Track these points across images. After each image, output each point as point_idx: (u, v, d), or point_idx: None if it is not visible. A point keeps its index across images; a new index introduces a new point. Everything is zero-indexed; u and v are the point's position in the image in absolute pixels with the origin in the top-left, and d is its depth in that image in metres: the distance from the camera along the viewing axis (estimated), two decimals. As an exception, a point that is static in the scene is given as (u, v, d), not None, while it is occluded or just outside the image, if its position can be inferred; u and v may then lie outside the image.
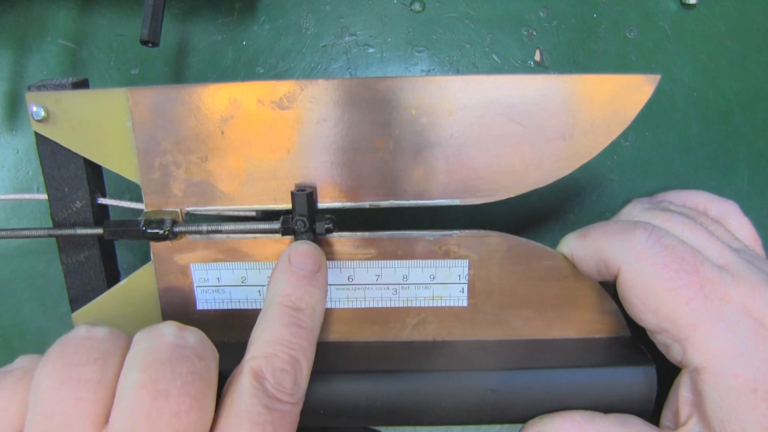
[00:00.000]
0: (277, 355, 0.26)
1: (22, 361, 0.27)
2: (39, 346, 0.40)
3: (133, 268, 0.32)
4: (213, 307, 0.32)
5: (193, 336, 0.26)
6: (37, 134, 0.30)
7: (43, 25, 0.37)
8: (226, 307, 0.32)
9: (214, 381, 0.25)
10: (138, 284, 0.32)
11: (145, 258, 0.39)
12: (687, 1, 0.36)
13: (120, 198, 0.32)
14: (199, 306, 0.32)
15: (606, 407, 0.29)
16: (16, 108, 0.38)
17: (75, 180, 0.31)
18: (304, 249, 0.29)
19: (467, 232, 0.31)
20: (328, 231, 0.30)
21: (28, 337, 0.40)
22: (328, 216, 0.30)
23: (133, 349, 0.26)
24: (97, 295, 0.32)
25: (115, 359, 0.25)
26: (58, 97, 0.29)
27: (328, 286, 0.32)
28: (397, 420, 0.30)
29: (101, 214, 0.32)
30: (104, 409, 0.24)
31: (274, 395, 0.26)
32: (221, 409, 0.25)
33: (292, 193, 0.29)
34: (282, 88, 0.29)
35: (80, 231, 0.31)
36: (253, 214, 0.31)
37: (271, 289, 0.29)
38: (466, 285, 0.32)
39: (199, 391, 0.24)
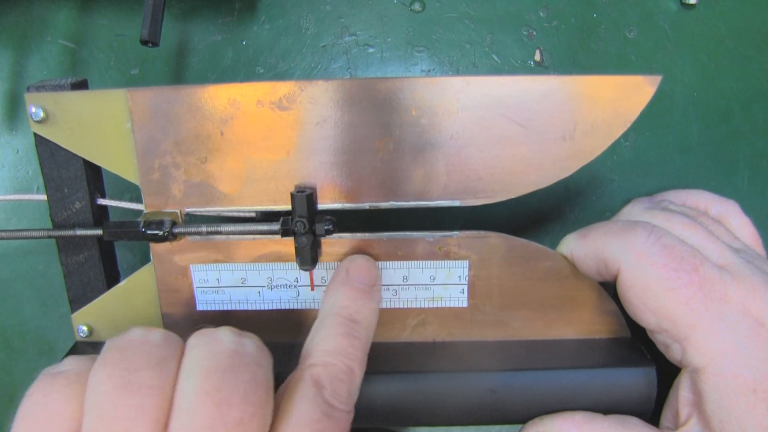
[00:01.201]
0: (335, 365, 0.27)
1: (71, 363, 0.26)
2: (39, 346, 0.40)
3: (133, 269, 0.32)
4: (213, 308, 0.32)
5: (251, 342, 0.26)
6: (36, 135, 0.30)
7: (43, 25, 0.37)
8: (226, 308, 0.32)
9: (272, 387, 0.25)
10: (138, 285, 0.32)
11: (144, 258, 0.39)
12: (687, 1, 0.36)
13: (119, 199, 0.32)
14: (199, 307, 0.32)
15: (606, 408, 0.29)
16: (16, 108, 0.38)
17: (74, 181, 0.31)
18: (363, 264, 0.30)
19: (467, 232, 0.31)
20: (328, 232, 0.30)
21: (28, 337, 0.40)
22: (328, 217, 0.30)
23: (190, 354, 0.25)
24: (97, 295, 0.32)
25: (172, 364, 0.25)
26: (57, 97, 0.29)
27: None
28: (397, 420, 0.30)
29: (101, 215, 0.32)
30: (163, 416, 0.24)
31: (331, 403, 0.26)
32: (279, 415, 0.25)
33: (292, 194, 0.29)
34: (282, 89, 0.29)
35: (80, 232, 0.31)
36: (253, 215, 0.31)
37: (329, 300, 0.29)
38: (466, 286, 0.32)
39: (260, 399, 0.24)
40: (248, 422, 0.24)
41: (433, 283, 0.32)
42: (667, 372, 0.29)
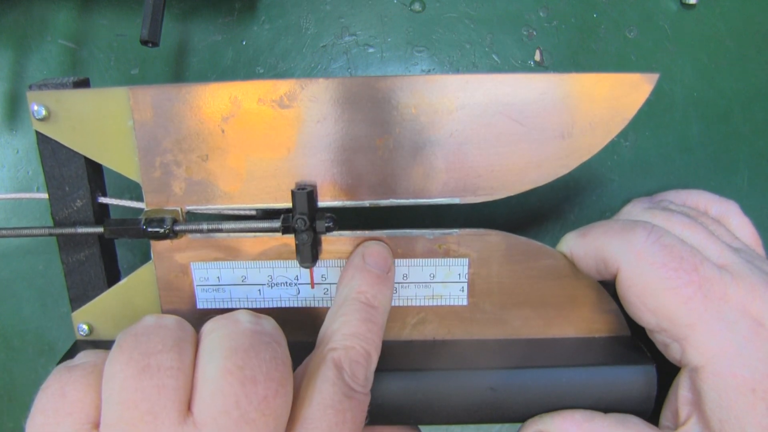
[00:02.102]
0: (354, 348, 0.27)
1: (86, 356, 0.27)
2: (39, 346, 0.40)
3: (134, 268, 0.32)
4: (213, 306, 0.32)
5: (269, 323, 0.27)
6: (38, 133, 0.30)
7: (43, 25, 0.37)
8: (226, 306, 0.32)
9: (291, 366, 0.26)
10: (138, 283, 0.32)
11: (145, 257, 0.39)
12: (687, 1, 0.36)
13: (120, 197, 0.32)
14: (200, 305, 0.32)
15: (605, 406, 0.29)
16: (16, 108, 0.38)
17: (76, 179, 0.31)
18: (378, 249, 0.31)
19: (467, 230, 0.31)
20: (329, 229, 0.30)
21: (28, 337, 0.40)
22: (329, 214, 0.30)
23: (209, 337, 0.26)
24: (98, 294, 0.32)
25: (189, 347, 0.26)
26: (60, 96, 0.30)
27: (329, 285, 0.32)
28: (396, 419, 0.30)
29: (102, 213, 0.32)
30: (186, 397, 0.24)
31: (351, 385, 0.27)
32: (300, 396, 0.26)
33: (293, 192, 0.29)
34: (282, 87, 0.29)
35: (81, 230, 0.31)
36: (254, 212, 0.31)
37: (346, 286, 0.30)
38: (466, 284, 0.32)
39: (282, 376, 0.25)
40: (272, 399, 0.24)
41: (432, 281, 0.32)
42: (667, 371, 0.29)
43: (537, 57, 0.37)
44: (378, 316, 0.29)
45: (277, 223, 0.30)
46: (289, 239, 0.31)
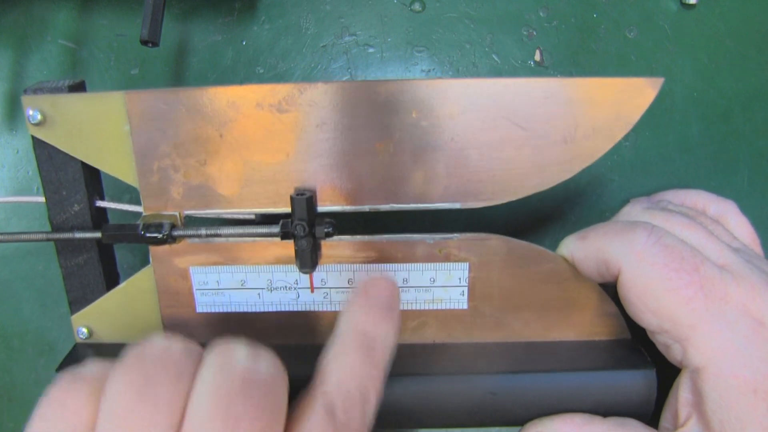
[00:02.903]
0: (349, 392, 0.26)
1: (93, 367, 0.26)
2: (39, 346, 0.40)
3: (133, 269, 0.32)
4: (213, 311, 0.32)
5: (266, 362, 0.26)
6: (33, 138, 0.30)
7: (43, 25, 0.37)
8: (225, 311, 0.32)
9: (284, 410, 0.25)
10: (137, 287, 0.32)
11: (144, 258, 0.39)
12: (687, 1, 0.36)
13: (119, 200, 0.32)
14: (199, 309, 0.32)
15: (605, 410, 0.29)
16: (16, 108, 0.38)
17: (73, 183, 0.31)
18: (383, 284, 0.29)
19: (467, 235, 0.31)
20: (328, 235, 0.29)
21: (28, 337, 0.40)
22: (328, 220, 0.30)
23: (204, 372, 0.25)
24: (97, 297, 0.32)
25: (188, 378, 0.25)
26: (55, 100, 0.29)
27: (329, 289, 0.32)
28: (396, 423, 0.30)
29: (99, 217, 0.32)
30: (175, 429, 0.24)
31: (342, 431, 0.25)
32: None
33: (292, 198, 0.29)
34: (281, 91, 0.29)
35: (78, 235, 0.31)
36: (252, 217, 0.31)
37: (349, 322, 0.28)
38: (466, 288, 0.32)
39: (270, 421, 0.24)
40: None
41: (433, 285, 0.32)
42: (667, 374, 0.29)
43: (537, 57, 0.37)
44: (379, 356, 0.28)
45: (276, 229, 0.30)
46: (289, 244, 0.31)
